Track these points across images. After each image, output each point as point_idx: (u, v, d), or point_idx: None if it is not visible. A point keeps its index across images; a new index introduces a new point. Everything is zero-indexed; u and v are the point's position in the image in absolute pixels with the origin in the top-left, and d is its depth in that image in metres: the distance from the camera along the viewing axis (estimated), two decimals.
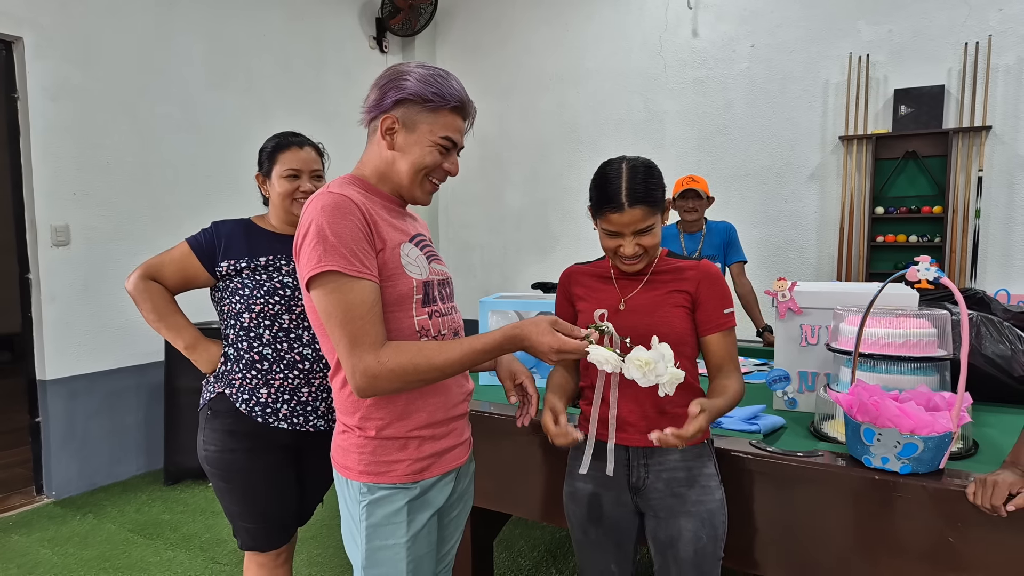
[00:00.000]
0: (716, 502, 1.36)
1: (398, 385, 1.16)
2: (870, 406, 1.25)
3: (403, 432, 1.25)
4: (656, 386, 1.17)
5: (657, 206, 1.36)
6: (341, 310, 1.13)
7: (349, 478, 1.28)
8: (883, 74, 4.19)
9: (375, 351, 1.13)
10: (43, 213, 3.41)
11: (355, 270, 1.13)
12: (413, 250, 1.26)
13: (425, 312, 1.25)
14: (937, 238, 4.02)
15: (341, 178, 1.28)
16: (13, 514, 3.32)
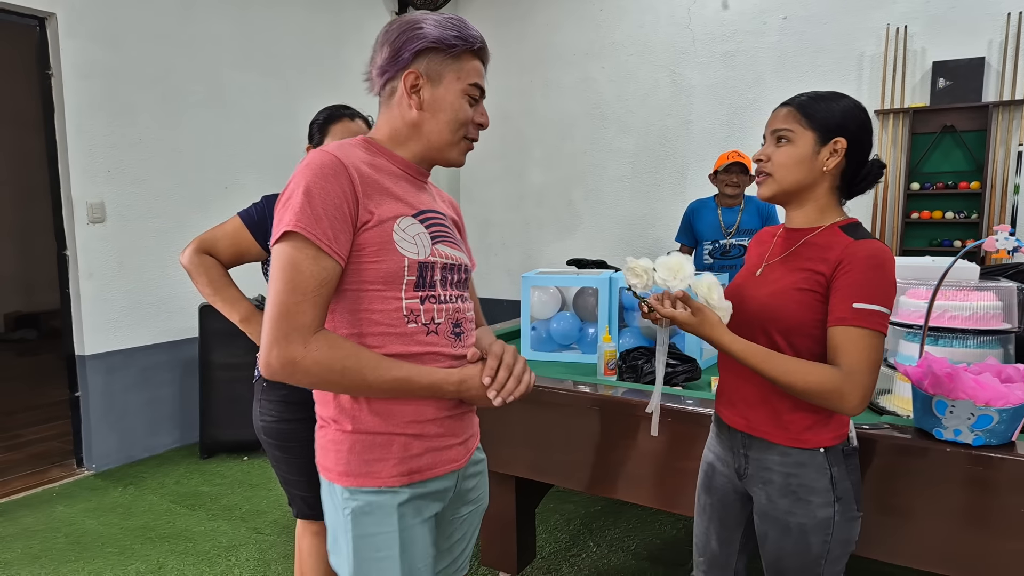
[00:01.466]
0: (815, 520, 1.22)
1: (314, 382, 1.02)
2: (943, 378, 1.24)
3: (386, 428, 1.10)
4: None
5: (811, 120, 1.23)
6: (289, 275, 1.00)
7: (330, 480, 1.12)
8: (920, 46, 4.10)
9: (304, 335, 0.99)
10: (79, 190, 3.44)
11: (324, 243, 1.00)
12: (414, 226, 1.11)
13: (417, 296, 1.10)
14: (974, 214, 3.95)
15: (353, 138, 1.16)
16: (56, 486, 3.39)
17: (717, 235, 3.24)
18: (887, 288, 1.17)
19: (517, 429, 1.87)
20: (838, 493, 1.22)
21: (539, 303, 2.35)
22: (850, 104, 1.27)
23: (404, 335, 1.09)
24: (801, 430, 1.23)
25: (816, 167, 1.25)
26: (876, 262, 1.17)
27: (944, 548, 1.30)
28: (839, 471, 1.23)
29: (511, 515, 2.12)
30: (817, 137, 1.24)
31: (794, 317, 1.22)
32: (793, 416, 1.24)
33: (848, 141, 1.24)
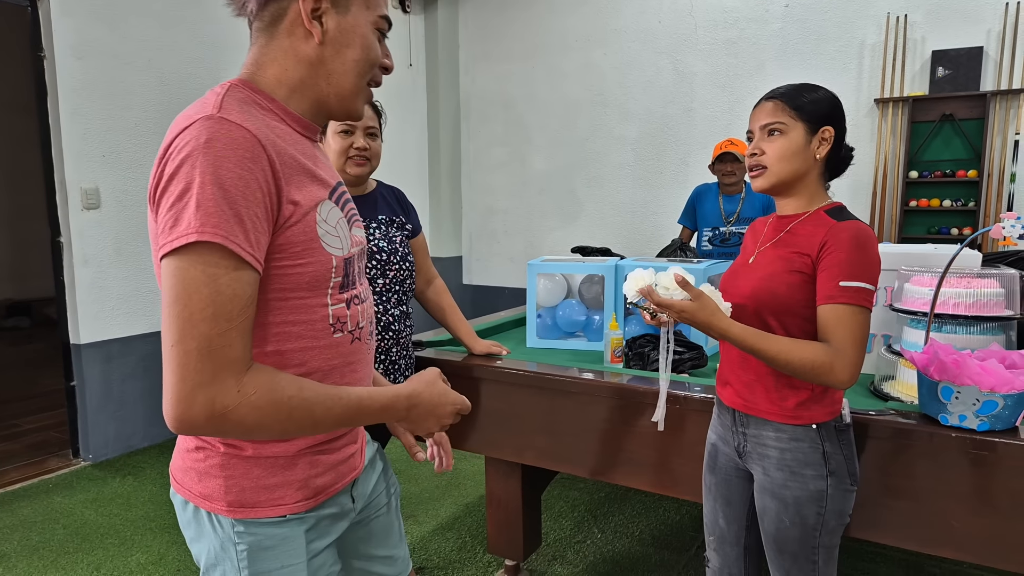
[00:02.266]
0: (809, 492, 1.27)
1: (247, 431, 0.81)
2: (949, 364, 1.24)
3: (293, 449, 0.92)
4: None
5: (800, 111, 1.29)
6: (204, 301, 0.75)
7: (213, 511, 0.91)
8: (920, 35, 4.10)
9: (236, 375, 0.77)
10: (73, 175, 3.40)
11: (246, 251, 0.78)
12: (334, 211, 0.91)
13: (343, 298, 0.93)
14: (972, 202, 3.96)
15: (230, 89, 0.87)
16: (53, 476, 3.38)
17: (717, 222, 3.25)
18: (871, 266, 1.23)
19: (524, 417, 1.87)
20: (831, 467, 1.27)
21: (545, 291, 2.35)
22: (829, 94, 1.35)
23: (329, 347, 0.93)
24: (794, 407, 1.29)
25: (809, 156, 1.31)
26: (859, 242, 1.23)
27: (950, 532, 1.31)
28: (831, 446, 1.28)
29: (517, 503, 2.13)
30: (807, 128, 1.30)
31: (785, 299, 1.27)
32: (786, 394, 1.29)
33: (835, 127, 1.32)
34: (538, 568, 2.42)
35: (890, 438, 1.35)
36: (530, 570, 2.39)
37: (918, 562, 2.42)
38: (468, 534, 2.67)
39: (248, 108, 0.85)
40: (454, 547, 2.57)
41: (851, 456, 1.30)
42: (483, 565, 2.45)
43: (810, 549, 1.30)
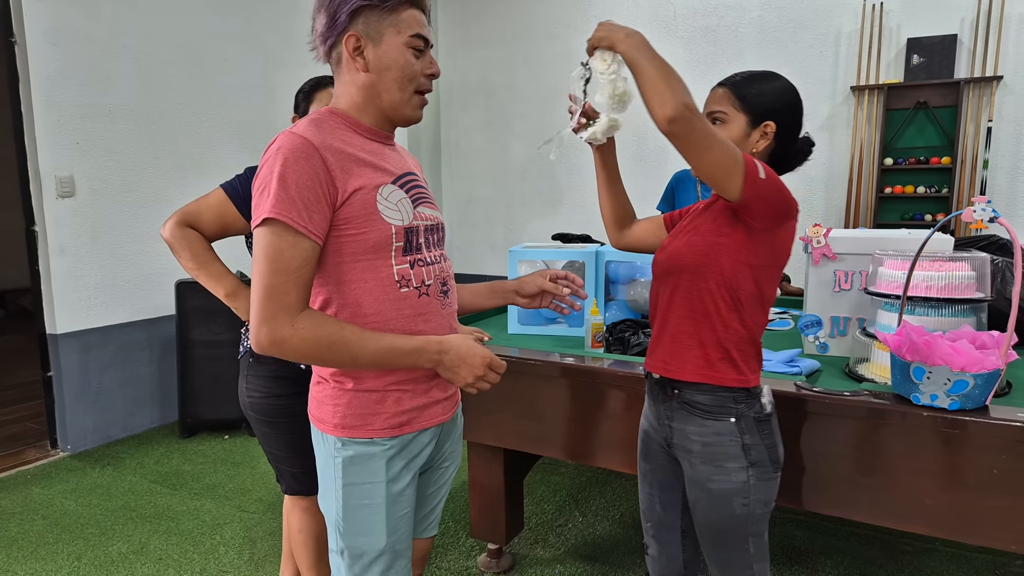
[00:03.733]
0: (733, 485, 1.29)
1: (303, 357, 1.08)
2: (921, 345, 1.28)
3: (382, 385, 1.17)
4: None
5: (743, 102, 1.28)
6: (271, 258, 1.05)
7: (324, 432, 1.20)
8: (896, 23, 4.15)
9: (290, 314, 1.05)
10: (47, 163, 3.33)
11: (301, 225, 1.05)
12: (395, 192, 1.15)
13: (407, 260, 1.16)
14: (945, 189, 4.04)
15: (317, 112, 1.17)
16: (31, 467, 3.34)
17: None
18: (772, 173, 1.22)
19: (505, 402, 1.88)
20: (752, 458, 1.29)
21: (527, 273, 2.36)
22: (782, 86, 1.32)
23: (398, 300, 1.15)
24: (702, 366, 1.29)
25: (746, 149, 1.30)
26: None
27: (923, 508, 1.35)
28: (751, 437, 1.29)
29: (499, 487, 2.15)
30: (749, 120, 1.30)
31: (704, 248, 1.28)
32: (696, 353, 1.30)
33: (777, 124, 1.30)
34: (520, 551, 2.45)
35: (864, 418, 1.38)
36: (512, 553, 2.42)
37: (891, 540, 2.49)
38: (451, 518, 2.70)
39: (319, 125, 1.12)
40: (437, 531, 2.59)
41: (773, 444, 1.31)
42: (466, 549, 2.47)
43: (742, 539, 1.33)
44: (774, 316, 2.50)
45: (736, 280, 1.26)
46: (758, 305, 1.29)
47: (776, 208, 1.22)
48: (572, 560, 2.39)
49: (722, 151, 1.15)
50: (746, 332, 1.29)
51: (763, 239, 1.25)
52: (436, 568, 2.35)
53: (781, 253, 1.29)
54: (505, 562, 2.32)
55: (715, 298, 1.27)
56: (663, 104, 1.12)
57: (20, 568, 2.41)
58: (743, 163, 1.17)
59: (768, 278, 1.29)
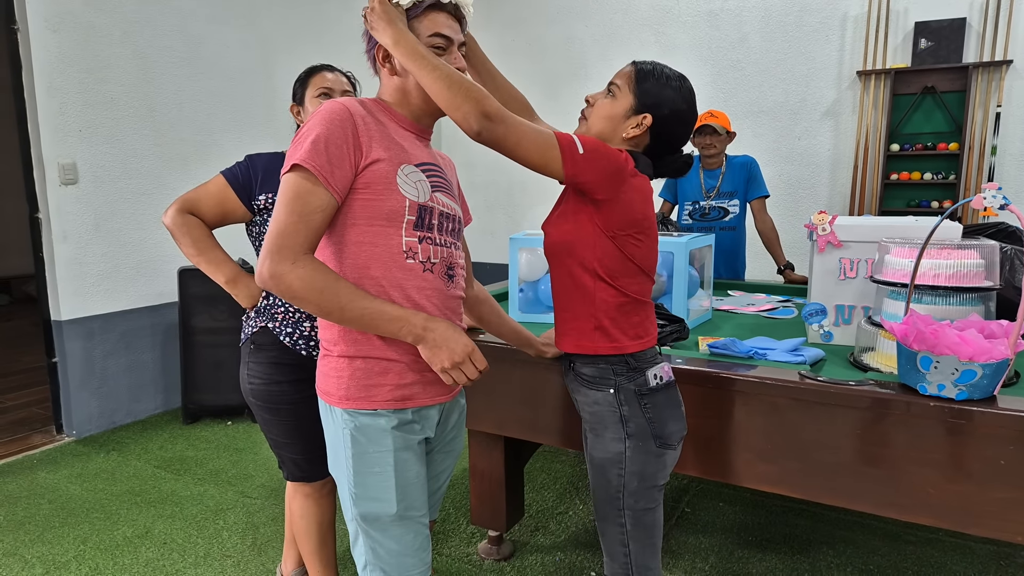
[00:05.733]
0: (609, 454, 1.33)
1: (295, 296, 1.12)
2: (928, 334, 1.26)
3: (384, 354, 1.22)
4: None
5: (638, 86, 1.30)
6: (290, 199, 1.12)
7: (331, 404, 1.25)
8: (903, 6, 4.09)
9: (295, 253, 1.11)
10: (50, 151, 3.32)
11: (323, 175, 1.12)
12: (415, 173, 1.23)
13: (416, 235, 1.21)
14: (952, 175, 4.00)
15: (362, 98, 1.28)
16: (36, 452, 3.36)
17: (697, 196, 3.25)
18: (594, 142, 1.25)
19: (505, 389, 1.88)
20: (629, 430, 1.32)
21: (527, 265, 2.34)
22: (678, 93, 1.32)
23: (403, 269, 1.21)
24: (577, 337, 1.35)
25: (619, 130, 1.33)
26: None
27: (928, 499, 1.34)
28: (630, 410, 1.32)
29: (500, 475, 2.15)
30: (634, 104, 1.32)
31: (564, 227, 1.32)
32: (572, 326, 1.36)
33: (655, 121, 1.31)
34: (521, 539, 2.46)
35: (869, 408, 1.37)
36: (513, 541, 2.42)
37: (895, 530, 2.49)
38: (451, 505, 2.71)
39: (363, 103, 1.22)
40: (437, 518, 2.60)
41: (658, 419, 1.32)
42: (466, 536, 2.48)
43: (616, 511, 1.35)
44: (777, 304, 2.49)
45: (596, 252, 1.29)
46: (630, 272, 1.32)
47: (606, 176, 1.24)
48: (572, 548, 2.40)
49: (532, 141, 1.19)
50: (616, 301, 1.32)
51: (612, 207, 1.27)
52: (437, 555, 2.36)
53: (632, 213, 1.29)
54: (505, 549, 2.33)
55: (581, 272, 1.32)
56: (464, 119, 1.15)
57: (27, 551, 2.43)
58: (557, 145, 1.21)
59: (632, 242, 1.31)
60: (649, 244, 1.33)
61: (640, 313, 1.35)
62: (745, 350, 1.63)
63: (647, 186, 1.33)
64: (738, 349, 1.64)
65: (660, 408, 1.33)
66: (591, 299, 1.32)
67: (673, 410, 1.36)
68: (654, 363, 1.35)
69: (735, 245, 3.23)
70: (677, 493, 2.77)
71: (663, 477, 1.36)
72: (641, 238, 1.31)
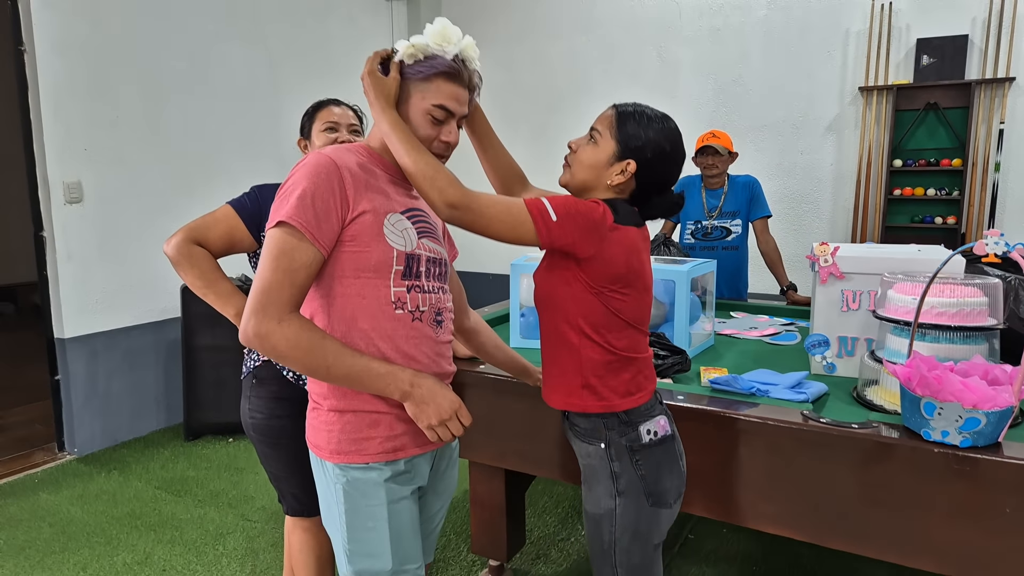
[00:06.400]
0: (601, 510, 1.31)
1: (280, 354, 1.11)
2: (932, 380, 1.25)
3: (373, 407, 1.21)
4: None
5: (619, 131, 1.28)
6: (275, 256, 1.11)
7: (321, 458, 1.24)
8: (905, 23, 4.09)
9: (280, 311, 1.10)
10: (55, 170, 3.33)
11: (309, 231, 1.11)
12: (402, 221, 1.23)
13: (404, 285, 1.21)
14: (955, 191, 3.99)
15: (350, 144, 1.28)
16: (38, 471, 3.36)
17: (700, 216, 3.24)
18: (568, 202, 1.23)
19: (505, 422, 1.87)
20: (620, 486, 1.29)
21: (528, 290, 2.34)
22: (661, 135, 1.29)
23: (392, 319, 1.20)
24: (565, 395, 1.33)
25: (603, 177, 1.31)
26: (572, 197, 1.28)
27: (932, 546, 1.33)
28: (621, 466, 1.29)
29: (500, 504, 2.14)
30: (617, 150, 1.29)
31: (548, 281, 1.32)
32: (559, 382, 1.34)
33: (639, 166, 1.28)
34: (522, 567, 2.44)
35: (872, 451, 1.36)
36: (514, 569, 2.41)
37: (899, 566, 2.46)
38: (452, 532, 2.69)
39: (348, 151, 1.23)
40: (437, 545, 2.59)
41: (651, 476, 1.29)
42: (467, 564, 2.47)
43: (609, 566, 1.33)
44: (780, 328, 2.48)
45: (581, 308, 1.28)
46: (617, 326, 1.29)
47: (583, 235, 1.22)
48: None
49: (501, 221, 1.19)
50: (603, 359, 1.29)
51: (593, 264, 1.25)
52: None
53: (615, 268, 1.26)
54: None
55: (567, 328, 1.29)
56: (432, 206, 1.18)
57: None
58: (528, 214, 1.20)
59: (618, 297, 1.28)
60: (636, 296, 1.30)
61: (630, 369, 1.31)
62: (747, 387, 1.62)
63: (630, 236, 1.28)
64: (740, 386, 1.63)
65: (654, 464, 1.30)
66: (577, 356, 1.30)
67: (669, 466, 1.32)
68: (649, 416, 1.32)
69: (737, 264, 3.22)
70: (681, 519, 2.74)
71: (658, 536, 1.32)
72: (627, 292, 1.28)
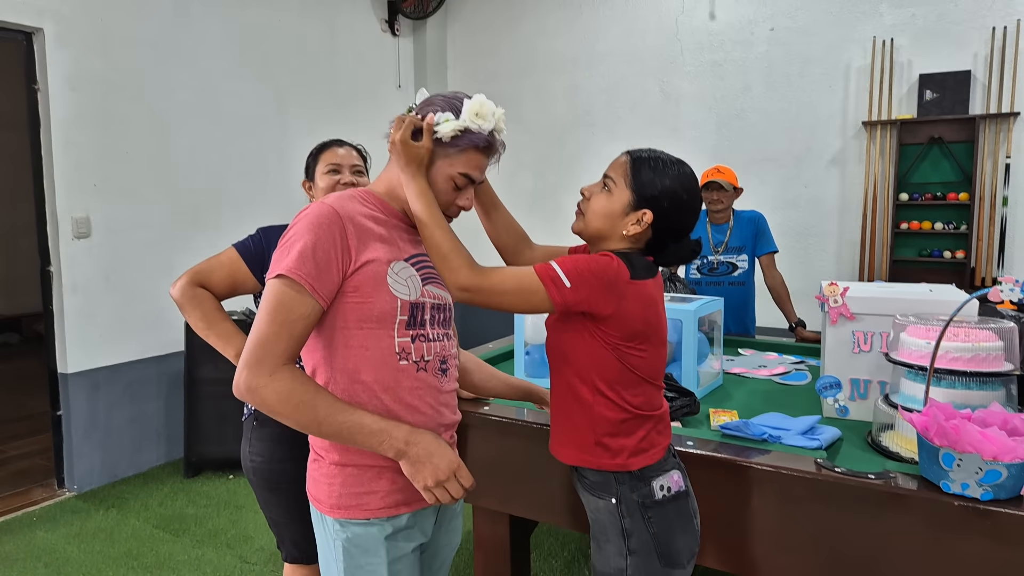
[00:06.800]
0: (610, 570, 1.26)
1: (270, 409, 1.09)
2: (950, 430, 1.22)
3: (376, 460, 1.18)
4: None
5: (634, 180, 1.27)
6: (273, 307, 1.09)
7: (322, 512, 1.21)
8: (907, 58, 4.12)
9: (273, 364, 1.07)
10: (64, 204, 3.36)
11: (309, 284, 1.10)
12: (406, 269, 1.21)
13: (408, 335, 1.19)
14: (963, 225, 3.98)
15: (353, 190, 1.27)
16: (36, 508, 3.32)
17: (705, 251, 3.23)
18: (580, 264, 1.20)
19: (511, 466, 1.83)
20: (631, 545, 1.23)
21: (532, 327, 2.32)
22: (677, 182, 1.27)
23: (396, 370, 1.18)
24: (578, 451, 1.29)
25: (618, 227, 1.29)
26: (584, 255, 1.25)
27: None
28: (632, 523, 1.24)
29: (505, 548, 2.08)
30: (632, 199, 1.27)
31: (560, 335, 1.29)
32: (570, 438, 1.30)
33: (656, 215, 1.26)
34: None
35: (890, 503, 1.32)
36: None
37: None
38: (455, 573, 2.63)
39: (351, 199, 1.21)
40: None
41: (664, 534, 1.24)
42: None
43: None
44: (790, 368, 2.45)
45: (595, 363, 1.25)
46: (632, 382, 1.26)
47: (599, 295, 1.20)
48: None
49: (513, 294, 1.19)
50: (617, 417, 1.25)
51: (610, 321, 1.22)
52: None
53: (633, 325, 1.23)
54: None
55: (579, 383, 1.26)
56: (447, 281, 1.19)
57: None
58: (540, 283, 1.18)
59: (635, 353, 1.25)
60: (654, 352, 1.27)
61: (644, 427, 1.27)
62: (758, 433, 1.59)
63: (647, 290, 1.26)
64: (751, 431, 1.59)
65: (667, 522, 1.26)
66: (589, 413, 1.26)
67: (684, 524, 1.28)
68: (662, 471, 1.28)
69: (744, 300, 3.20)
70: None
71: None
72: (645, 347, 1.25)
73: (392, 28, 5.24)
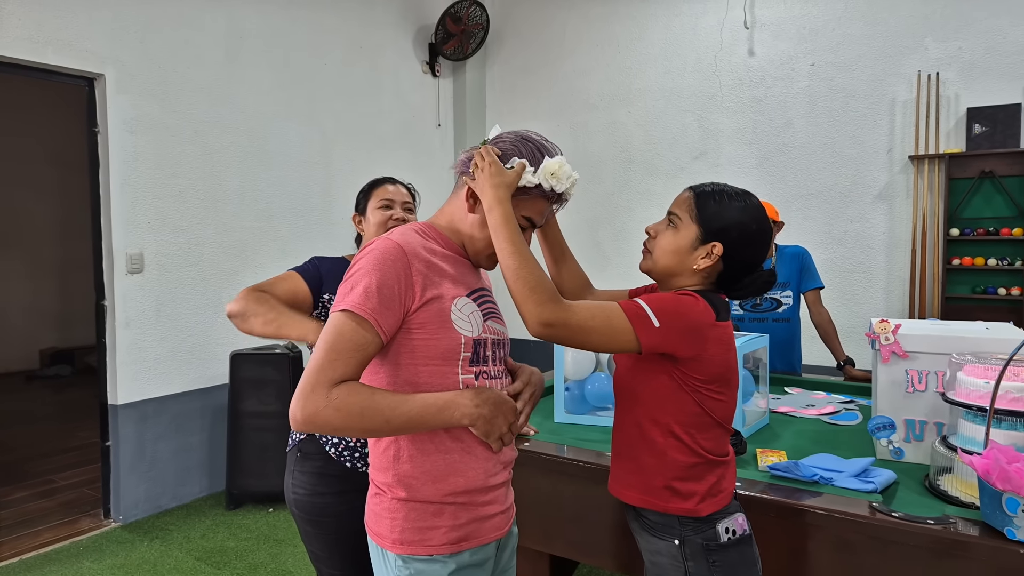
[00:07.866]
0: None
1: (335, 428, 1.07)
2: (1013, 473, 1.16)
3: (439, 496, 1.17)
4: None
5: (700, 214, 1.26)
6: (332, 337, 1.09)
7: (383, 547, 1.19)
8: (954, 92, 4.05)
9: (328, 387, 1.06)
10: (119, 241, 3.50)
11: (369, 315, 1.09)
12: (469, 305, 1.21)
13: (472, 372, 1.19)
14: (1018, 261, 3.84)
15: (414, 223, 1.28)
16: (83, 538, 3.38)
17: None
18: (668, 304, 1.19)
19: (554, 504, 1.80)
20: None
21: (573, 363, 2.30)
22: (745, 213, 1.27)
23: None
24: (643, 492, 1.25)
25: (688, 262, 1.28)
26: (670, 295, 1.25)
27: None
28: (697, 566, 1.20)
29: None
30: (700, 234, 1.26)
31: (635, 373, 1.26)
32: (636, 479, 1.26)
33: (726, 247, 1.25)
34: None
35: (950, 549, 1.26)
36: None
37: None
38: None
39: (415, 233, 1.22)
40: None
41: None
42: None
43: None
44: (840, 408, 2.37)
45: (671, 406, 1.22)
46: (707, 426, 1.23)
47: (688, 338, 1.18)
48: None
49: (600, 333, 1.16)
50: (689, 461, 1.22)
51: (694, 364, 1.20)
52: None
53: (716, 368, 1.21)
54: None
55: (651, 425, 1.24)
56: (526, 319, 1.15)
57: None
58: (629, 322, 1.16)
59: (714, 396, 1.22)
60: (731, 395, 1.25)
61: (715, 472, 1.24)
62: (809, 474, 1.54)
63: (728, 332, 1.25)
64: (801, 473, 1.54)
65: (731, 567, 1.22)
66: (661, 457, 1.23)
67: (747, 570, 1.23)
68: (727, 513, 1.24)
69: (790, 337, 3.12)
70: None
71: None
72: (723, 391, 1.23)
73: (433, 70, 5.39)
